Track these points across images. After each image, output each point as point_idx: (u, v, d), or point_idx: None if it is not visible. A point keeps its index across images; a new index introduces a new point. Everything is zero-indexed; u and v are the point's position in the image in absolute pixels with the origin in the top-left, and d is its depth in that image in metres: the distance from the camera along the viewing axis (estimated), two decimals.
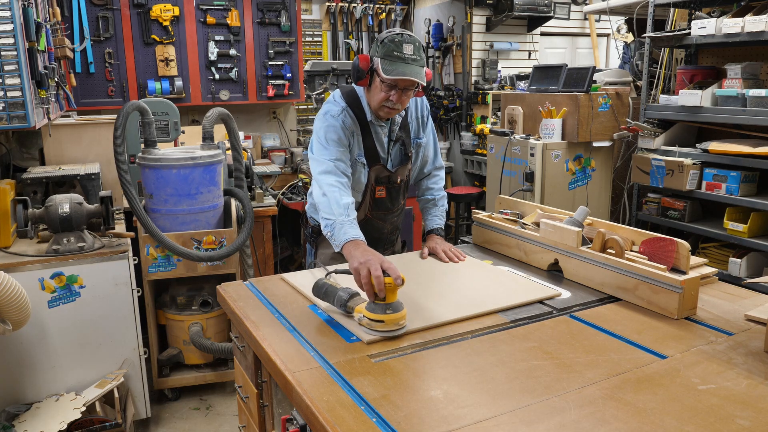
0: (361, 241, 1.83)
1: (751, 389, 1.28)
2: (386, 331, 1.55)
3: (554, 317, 1.69)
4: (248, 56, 5.02)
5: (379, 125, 2.19)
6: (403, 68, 1.95)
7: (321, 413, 1.21)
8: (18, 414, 2.58)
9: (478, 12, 5.53)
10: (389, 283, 1.55)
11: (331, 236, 1.90)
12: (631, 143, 4.08)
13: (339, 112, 2.11)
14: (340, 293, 1.68)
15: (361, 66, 2.03)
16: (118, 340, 2.81)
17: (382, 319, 1.54)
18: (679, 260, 1.78)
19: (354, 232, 1.86)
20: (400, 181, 2.29)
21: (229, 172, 3.37)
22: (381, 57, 1.97)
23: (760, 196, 3.25)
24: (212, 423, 3.08)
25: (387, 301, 1.56)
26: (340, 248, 1.85)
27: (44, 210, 2.66)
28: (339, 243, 1.85)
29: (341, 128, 2.08)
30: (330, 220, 1.91)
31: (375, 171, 2.20)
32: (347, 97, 2.16)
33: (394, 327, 1.55)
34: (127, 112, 2.83)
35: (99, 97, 4.69)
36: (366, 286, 1.59)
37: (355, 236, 1.84)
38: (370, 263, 1.60)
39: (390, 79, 1.96)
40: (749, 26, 3.08)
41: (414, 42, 1.98)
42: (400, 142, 2.26)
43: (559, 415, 1.20)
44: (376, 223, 2.31)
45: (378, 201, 2.27)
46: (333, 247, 1.90)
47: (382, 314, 1.55)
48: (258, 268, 3.64)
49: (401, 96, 2.02)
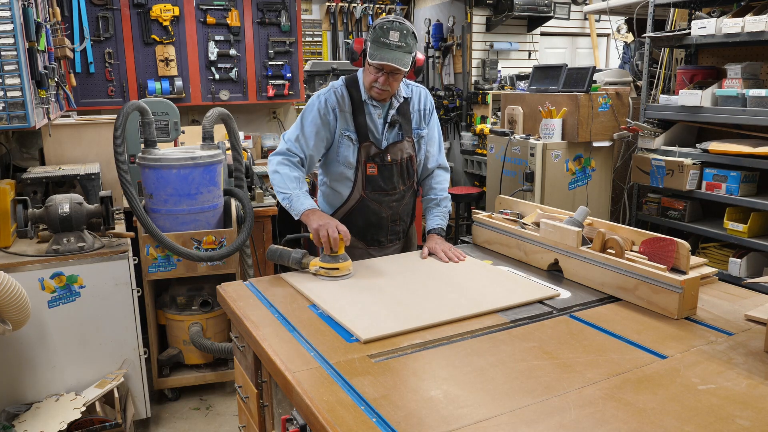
0: (316, 208, 2.15)
1: (751, 389, 1.28)
2: (341, 275, 1.96)
3: (554, 317, 1.69)
4: (248, 56, 5.02)
5: (374, 105, 2.29)
6: (386, 54, 2.09)
7: (321, 413, 1.21)
8: (18, 414, 2.58)
9: (478, 12, 5.53)
10: (341, 239, 1.98)
11: (290, 207, 2.19)
12: (631, 143, 4.08)
13: (326, 91, 2.29)
14: (293, 254, 2.06)
15: (355, 48, 2.24)
16: (118, 340, 2.81)
17: (337, 267, 1.97)
18: (679, 260, 1.78)
19: (309, 202, 2.16)
20: (391, 160, 2.33)
21: (229, 172, 3.37)
22: (370, 41, 2.14)
23: (760, 196, 3.25)
24: (212, 423, 3.08)
25: (339, 253, 1.98)
26: (299, 216, 2.15)
27: (44, 210, 2.66)
28: (297, 212, 2.16)
29: (318, 107, 2.26)
30: (286, 194, 2.19)
31: (365, 148, 2.30)
32: (348, 79, 2.32)
33: (346, 272, 1.98)
34: (127, 112, 2.83)
35: (99, 97, 4.69)
36: (324, 242, 1.99)
37: (311, 206, 2.15)
38: (327, 226, 2.01)
39: (375, 63, 2.13)
40: (749, 26, 3.08)
41: (402, 29, 2.11)
42: (396, 126, 2.32)
43: (559, 415, 1.20)
44: (372, 206, 2.35)
45: (370, 179, 2.32)
46: (293, 215, 2.18)
47: (337, 263, 1.97)
48: (258, 268, 3.64)
49: (388, 79, 2.17)
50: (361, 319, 1.64)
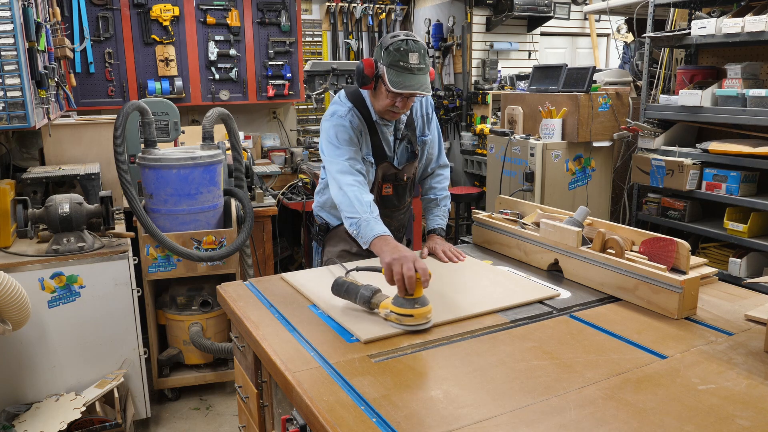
0: (389, 236, 1.88)
1: (751, 389, 1.28)
2: (415, 324, 1.59)
3: (554, 317, 1.69)
4: (248, 56, 5.02)
5: (384, 125, 2.23)
6: (410, 80, 1.98)
7: (321, 413, 1.21)
8: (18, 414, 2.58)
9: (478, 12, 5.53)
10: (418, 278, 1.60)
11: (357, 234, 1.95)
12: (631, 143, 4.08)
13: (346, 112, 2.15)
14: (362, 291, 1.70)
15: (366, 72, 2.05)
16: (118, 340, 2.81)
17: (412, 313, 1.59)
18: (679, 260, 1.78)
19: (380, 228, 1.91)
20: (406, 178, 2.31)
21: (229, 172, 3.37)
22: (387, 66, 1.99)
23: (760, 196, 3.25)
24: (212, 423, 3.08)
25: (415, 296, 1.60)
26: (368, 245, 1.90)
27: (44, 210, 2.66)
28: (367, 240, 1.90)
29: (350, 128, 2.12)
30: (355, 218, 1.96)
31: (382, 169, 2.24)
32: (352, 98, 2.19)
33: (422, 320, 1.60)
34: (127, 112, 2.83)
35: (99, 97, 4.69)
36: (398, 282, 1.62)
37: (382, 232, 1.89)
38: (403, 260, 1.64)
39: (397, 92, 2.00)
40: (749, 26, 3.08)
41: (419, 50, 1.99)
42: (406, 140, 2.29)
43: (559, 415, 1.20)
44: (383, 221, 2.32)
45: (385, 198, 2.29)
46: (360, 244, 1.96)
47: (411, 309, 1.59)
48: (258, 268, 3.64)
49: (406, 102, 2.08)
50: (361, 320, 1.64)
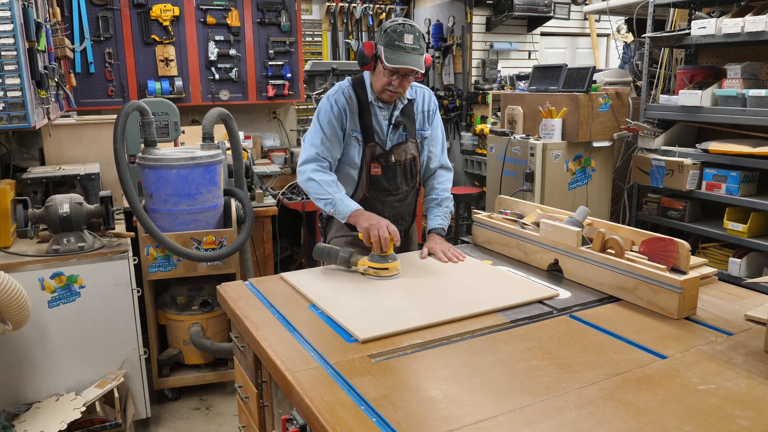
0: (363, 209, 2.18)
1: (751, 389, 1.28)
2: (390, 275, 1.97)
3: (554, 317, 1.69)
4: (248, 56, 5.02)
5: (379, 107, 2.32)
6: (404, 57, 2.13)
7: (321, 413, 1.21)
8: (18, 414, 2.58)
9: (478, 12, 5.53)
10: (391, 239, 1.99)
11: (334, 211, 2.21)
12: (631, 143, 4.08)
13: (334, 92, 2.32)
14: (341, 253, 2.05)
15: (366, 52, 2.23)
16: (118, 340, 2.81)
17: (387, 267, 1.98)
18: (679, 260, 1.78)
19: (353, 204, 2.20)
20: (395, 160, 2.35)
21: (229, 172, 3.37)
22: (384, 45, 2.14)
23: (760, 196, 3.25)
24: (212, 423, 3.08)
25: (388, 253, 1.99)
26: (345, 219, 2.18)
27: (44, 210, 2.66)
28: (344, 215, 2.18)
29: (331, 108, 2.29)
30: (328, 198, 2.21)
31: (369, 148, 2.32)
32: (354, 80, 2.36)
33: (395, 272, 1.99)
34: (127, 112, 2.83)
35: (99, 97, 4.69)
36: (375, 242, 2.00)
37: (357, 207, 2.18)
38: (378, 225, 2.03)
39: (391, 67, 2.15)
40: (749, 26, 3.08)
41: (415, 32, 2.15)
42: (401, 127, 2.35)
43: (559, 415, 1.20)
44: (374, 204, 2.37)
45: (374, 179, 2.34)
46: (339, 219, 2.22)
47: (386, 263, 1.98)
48: (258, 268, 3.64)
49: (402, 81, 2.21)
50: (360, 319, 1.64)
